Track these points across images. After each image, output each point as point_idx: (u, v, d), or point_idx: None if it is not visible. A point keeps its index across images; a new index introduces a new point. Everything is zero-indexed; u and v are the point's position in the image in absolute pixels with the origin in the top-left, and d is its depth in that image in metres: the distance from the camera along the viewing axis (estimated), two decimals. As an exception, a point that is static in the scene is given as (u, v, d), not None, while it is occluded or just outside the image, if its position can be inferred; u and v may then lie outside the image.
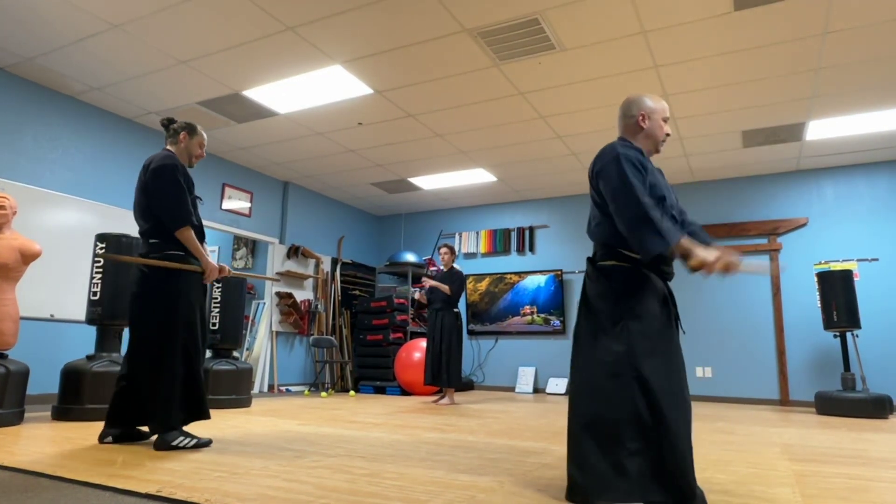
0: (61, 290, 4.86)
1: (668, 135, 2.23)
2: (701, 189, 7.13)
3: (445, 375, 5.65)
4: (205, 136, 3.31)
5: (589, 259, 2.17)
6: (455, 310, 5.89)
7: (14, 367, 3.60)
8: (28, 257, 3.82)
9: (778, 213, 6.71)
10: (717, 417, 4.91)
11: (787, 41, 4.06)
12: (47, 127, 4.98)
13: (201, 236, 3.17)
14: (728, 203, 6.96)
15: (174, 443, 2.81)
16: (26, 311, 4.40)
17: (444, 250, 6.05)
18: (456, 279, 5.92)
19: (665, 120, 2.21)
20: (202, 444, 2.91)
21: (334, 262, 8.26)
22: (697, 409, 5.54)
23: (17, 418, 3.58)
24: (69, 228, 5.01)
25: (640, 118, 2.18)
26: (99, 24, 3.99)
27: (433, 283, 5.91)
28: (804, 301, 6.42)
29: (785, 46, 4.12)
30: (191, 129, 3.27)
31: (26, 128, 4.84)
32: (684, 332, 2.18)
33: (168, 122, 3.23)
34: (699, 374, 6.76)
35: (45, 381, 4.67)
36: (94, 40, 4.21)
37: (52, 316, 4.82)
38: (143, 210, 3.06)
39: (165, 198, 3.00)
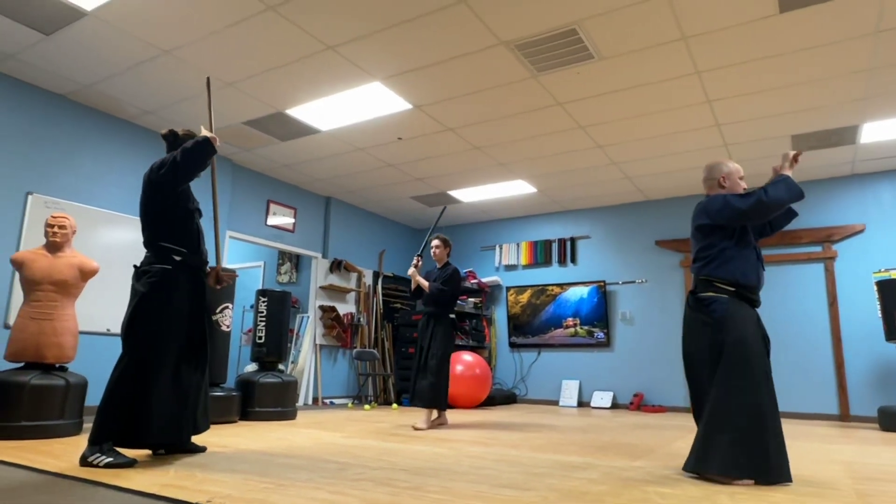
0: (117, 304, 5.05)
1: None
2: (749, 196, 6.90)
3: (431, 396, 4.61)
4: None
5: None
6: (451, 315, 4.95)
7: (73, 379, 3.76)
8: (86, 274, 4.00)
9: (832, 220, 6.45)
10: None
11: (836, 41, 3.92)
12: (104, 150, 5.22)
13: (198, 244, 3.09)
14: (778, 210, 6.72)
15: (89, 458, 2.62)
16: (84, 326, 4.59)
17: (435, 243, 5.04)
18: (452, 278, 4.90)
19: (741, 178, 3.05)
20: (117, 465, 2.61)
21: (376, 275, 8.34)
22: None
23: (76, 429, 3.73)
24: (124, 245, 5.22)
25: (721, 179, 2.95)
26: (151, 50, 4.17)
27: (417, 278, 4.95)
28: (863, 311, 6.12)
29: (835, 47, 3.98)
30: None
31: (85, 151, 5.09)
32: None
33: (173, 136, 3.13)
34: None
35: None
36: (146, 66, 4.41)
37: (108, 330, 5.02)
38: (143, 219, 3.02)
39: (187, 156, 2.89)
